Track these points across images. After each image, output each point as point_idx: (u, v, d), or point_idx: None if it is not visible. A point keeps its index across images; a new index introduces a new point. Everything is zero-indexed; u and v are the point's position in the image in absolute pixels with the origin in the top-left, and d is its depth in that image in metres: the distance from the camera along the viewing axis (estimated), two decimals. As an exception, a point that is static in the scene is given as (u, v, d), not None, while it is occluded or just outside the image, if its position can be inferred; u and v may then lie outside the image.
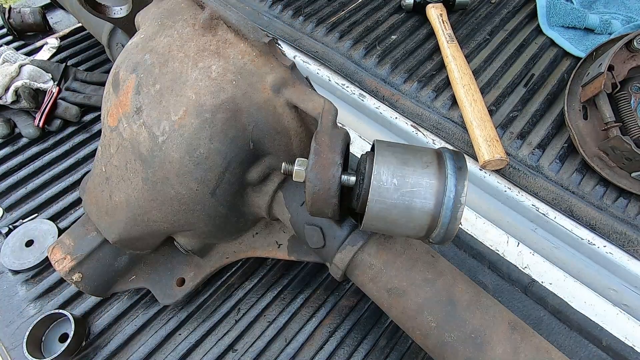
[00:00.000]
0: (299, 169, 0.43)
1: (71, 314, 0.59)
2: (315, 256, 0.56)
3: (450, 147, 0.77)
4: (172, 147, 0.44)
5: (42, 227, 0.70)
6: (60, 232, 0.70)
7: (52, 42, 1.00)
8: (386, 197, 0.39)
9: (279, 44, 0.55)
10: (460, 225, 0.50)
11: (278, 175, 0.52)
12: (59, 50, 1.00)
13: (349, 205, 0.46)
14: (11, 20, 0.99)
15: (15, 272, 0.66)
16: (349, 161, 0.53)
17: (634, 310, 0.63)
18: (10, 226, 0.71)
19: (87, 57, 0.99)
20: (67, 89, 0.90)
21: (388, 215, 0.40)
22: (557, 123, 0.79)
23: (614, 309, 0.63)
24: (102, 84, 0.92)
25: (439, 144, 0.80)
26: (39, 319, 0.59)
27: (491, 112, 0.79)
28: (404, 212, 0.39)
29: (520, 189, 0.74)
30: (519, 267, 0.66)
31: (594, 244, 0.68)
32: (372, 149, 0.44)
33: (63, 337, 0.60)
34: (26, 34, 1.03)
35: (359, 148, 0.80)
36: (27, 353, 0.56)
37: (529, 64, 0.88)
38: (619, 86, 0.70)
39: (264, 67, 0.44)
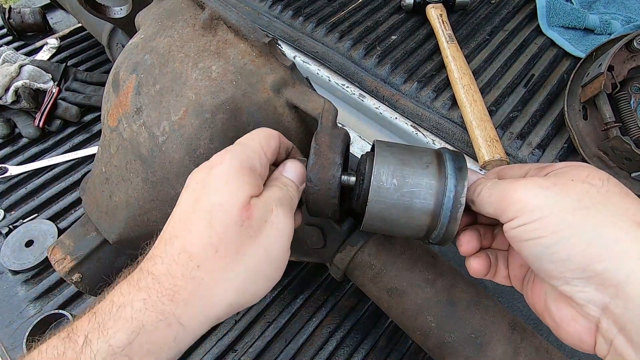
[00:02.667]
0: (299, 169, 0.43)
1: (71, 314, 0.59)
2: (315, 256, 0.56)
3: (451, 148, 0.77)
4: (172, 148, 0.44)
5: (42, 227, 0.70)
6: (60, 232, 0.70)
7: (52, 42, 1.00)
8: (386, 197, 0.39)
9: (279, 44, 0.55)
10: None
11: (278, 176, 0.52)
12: (59, 50, 1.00)
13: (349, 205, 0.46)
14: (11, 21, 0.99)
15: (15, 272, 0.66)
16: (349, 161, 0.53)
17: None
18: (10, 226, 0.71)
19: (87, 58, 0.99)
20: (67, 89, 0.90)
21: (388, 216, 0.40)
22: (557, 123, 0.79)
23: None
24: (102, 84, 0.92)
25: (439, 144, 0.80)
26: (38, 319, 0.59)
27: (491, 112, 0.79)
28: (404, 213, 0.39)
29: (520, 189, 0.73)
30: (519, 268, 0.66)
31: (594, 244, 0.68)
32: (372, 149, 0.44)
33: (63, 338, 0.60)
34: (26, 34, 1.03)
35: (359, 148, 0.80)
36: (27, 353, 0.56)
37: (529, 64, 0.88)
38: (618, 86, 0.70)
39: (264, 68, 0.44)
